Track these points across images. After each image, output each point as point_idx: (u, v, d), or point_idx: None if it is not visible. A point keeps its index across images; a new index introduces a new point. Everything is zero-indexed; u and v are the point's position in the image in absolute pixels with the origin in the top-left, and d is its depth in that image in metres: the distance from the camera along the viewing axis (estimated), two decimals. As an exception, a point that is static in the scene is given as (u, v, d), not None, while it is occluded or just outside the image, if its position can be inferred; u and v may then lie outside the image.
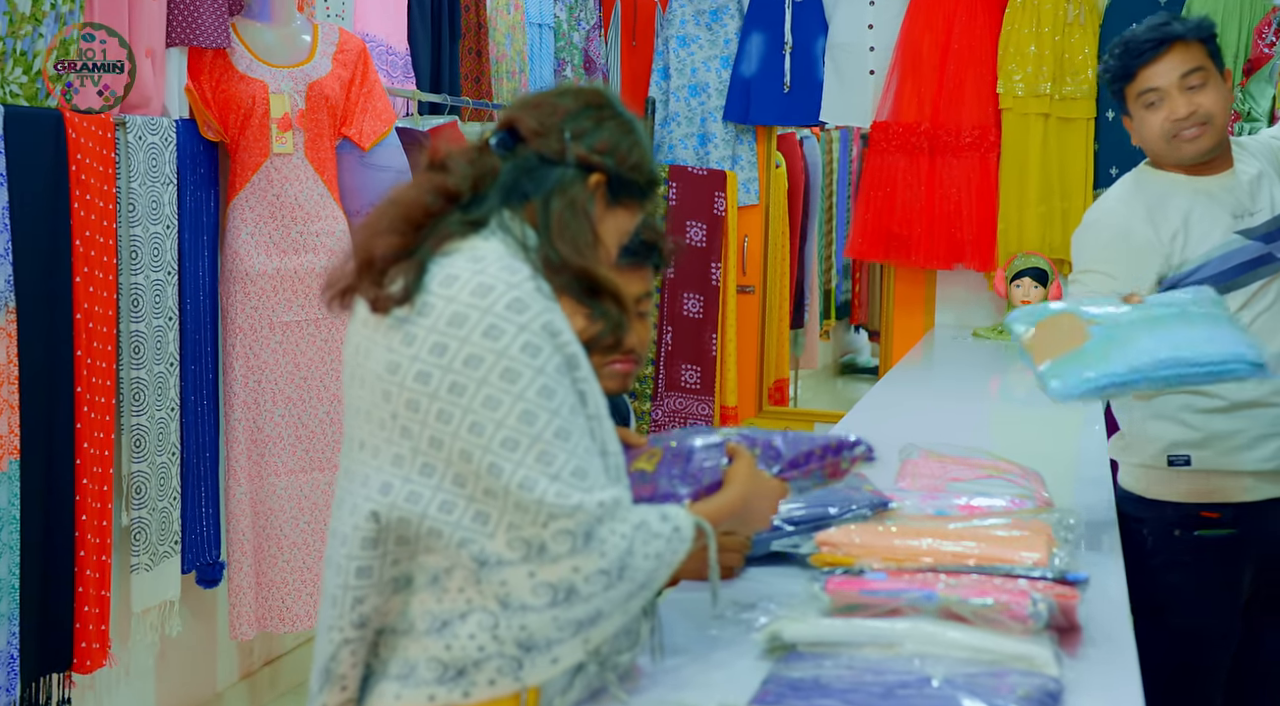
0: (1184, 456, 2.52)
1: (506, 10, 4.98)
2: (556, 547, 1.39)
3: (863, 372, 8.88)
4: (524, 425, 1.40)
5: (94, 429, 2.89)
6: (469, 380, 1.41)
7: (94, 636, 2.90)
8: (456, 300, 1.43)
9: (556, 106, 1.58)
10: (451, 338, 1.43)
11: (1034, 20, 5.16)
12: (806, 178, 7.06)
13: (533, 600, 1.40)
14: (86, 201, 2.86)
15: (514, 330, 1.42)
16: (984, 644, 1.56)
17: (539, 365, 1.42)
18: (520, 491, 1.39)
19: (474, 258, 1.46)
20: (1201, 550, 2.52)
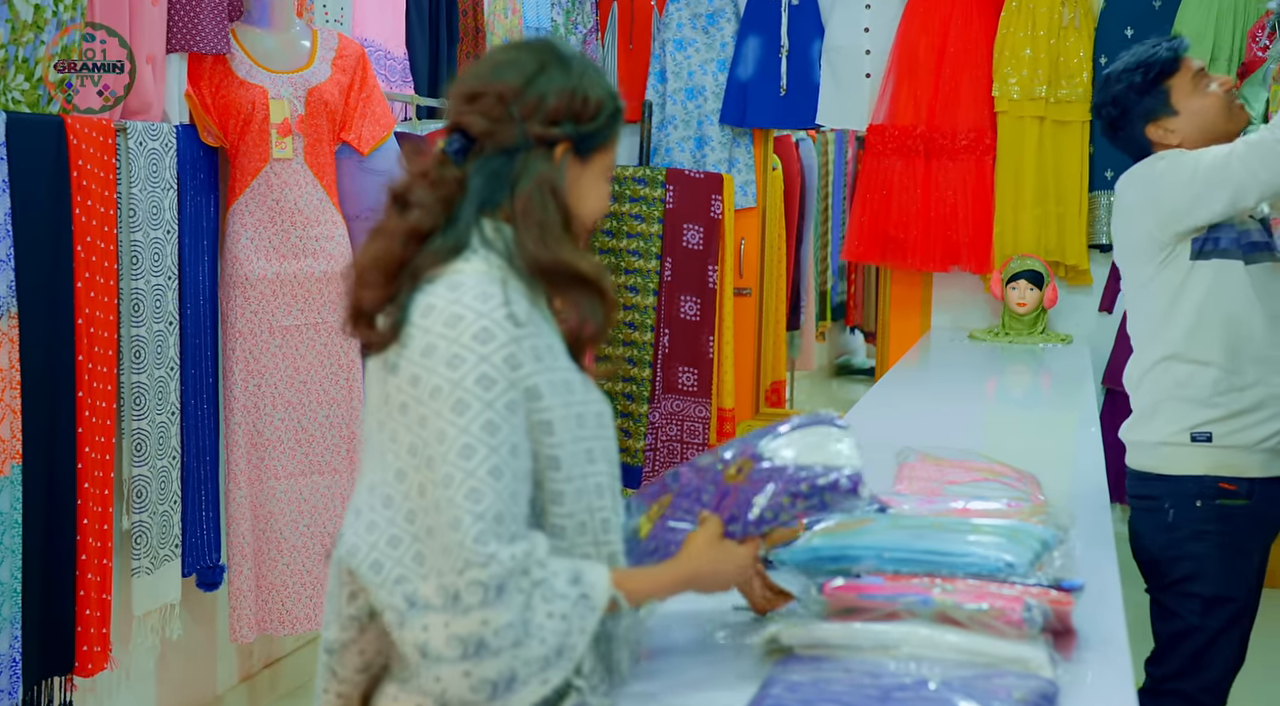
0: (1207, 432, 2.65)
1: (504, 15, 5.00)
2: (469, 598, 1.37)
3: (859, 374, 8.90)
4: (461, 460, 1.39)
5: (95, 433, 2.90)
6: (430, 412, 1.42)
7: (95, 639, 2.91)
8: (431, 332, 1.44)
9: (494, 89, 1.52)
10: (423, 369, 1.44)
11: (1029, 23, 5.17)
12: (802, 180, 7.08)
13: (446, 651, 1.38)
14: (88, 207, 2.87)
15: (474, 360, 1.42)
16: (979, 647, 1.58)
17: (489, 399, 1.41)
18: (448, 532, 1.38)
19: (452, 284, 1.46)
20: (1223, 519, 2.66)
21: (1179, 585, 2.68)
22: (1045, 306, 5.09)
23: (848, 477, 1.63)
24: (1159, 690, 2.70)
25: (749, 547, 1.64)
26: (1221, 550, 2.66)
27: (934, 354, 4.96)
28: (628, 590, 1.50)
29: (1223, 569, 2.67)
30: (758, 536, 1.64)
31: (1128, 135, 2.78)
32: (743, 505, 1.64)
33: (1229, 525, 2.66)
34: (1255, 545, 2.73)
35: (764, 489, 1.64)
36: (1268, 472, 2.68)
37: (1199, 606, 2.67)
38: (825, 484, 1.63)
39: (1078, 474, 2.90)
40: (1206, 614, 2.67)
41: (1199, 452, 2.66)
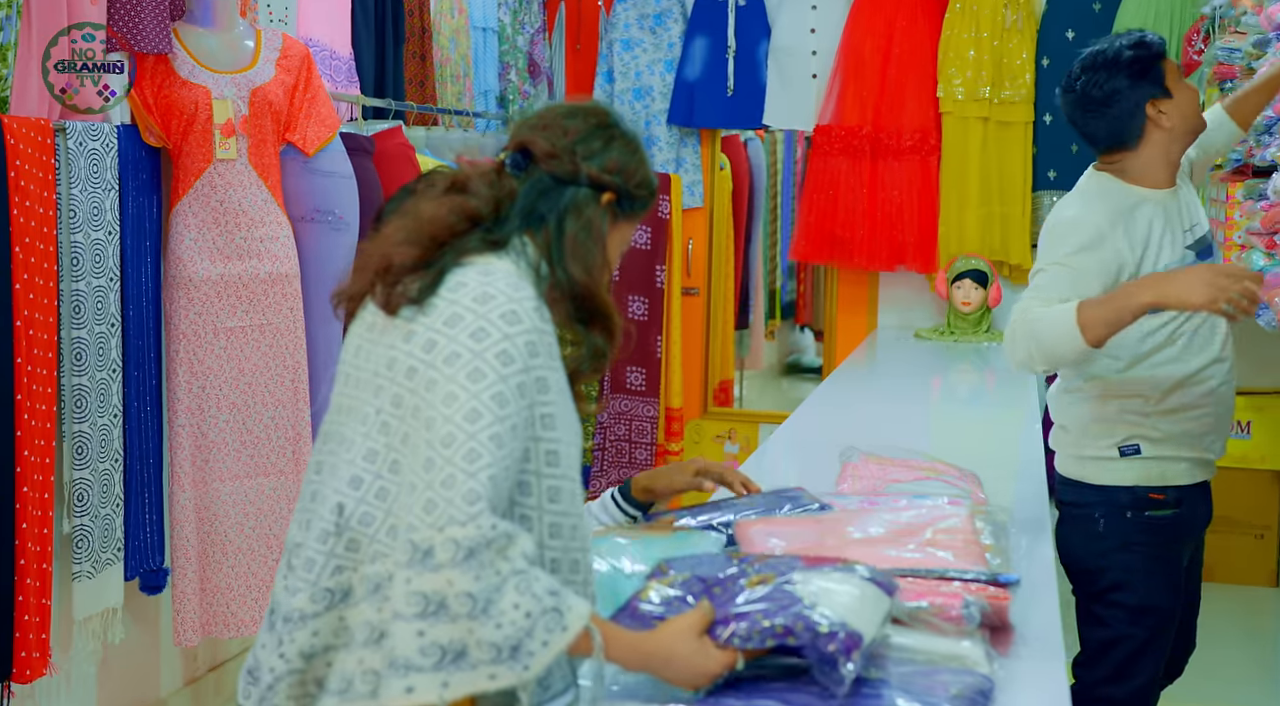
0: (1135, 446, 2.68)
1: (450, 14, 4.98)
2: (441, 554, 1.35)
3: (808, 372, 8.94)
4: (467, 422, 1.40)
5: (34, 436, 2.87)
6: (442, 376, 1.44)
7: (34, 645, 2.88)
8: (458, 304, 1.48)
9: (566, 128, 1.63)
10: (442, 335, 1.47)
11: (973, 25, 5.23)
12: (751, 180, 7.12)
13: (404, 607, 1.36)
14: (26, 208, 2.84)
15: (498, 337, 1.45)
16: (919, 644, 1.60)
17: (505, 373, 1.44)
18: (439, 489, 1.38)
19: (485, 270, 1.51)
20: (1151, 530, 2.69)
21: (1107, 594, 2.70)
22: (990, 305, 5.15)
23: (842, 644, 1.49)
24: (1089, 696, 2.72)
25: (724, 658, 1.53)
26: (1149, 561, 2.69)
27: (881, 352, 5.01)
28: (604, 634, 1.45)
29: (1150, 579, 2.69)
30: (740, 650, 1.53)
31: (1115, 114, 2.66)
32: (742, 616, 1.54)
33: (1157, 536, 2.69)
34: (1181, 552, 2.77)
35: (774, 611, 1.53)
36: (1193, 479, 2.73)
37: (1126, 615, 2.68)
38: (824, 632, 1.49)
39: (1020, 471, 2.94)
40: (1134, 623, 2.69)
41: (1127, 466, 2.69)
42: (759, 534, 1.92)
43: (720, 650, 1.53)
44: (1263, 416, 5.08)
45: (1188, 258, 2.64)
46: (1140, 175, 2.68)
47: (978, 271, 5.12)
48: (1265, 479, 5.10)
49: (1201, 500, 2.79)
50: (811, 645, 1.49)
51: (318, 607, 1.51)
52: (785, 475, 2.46)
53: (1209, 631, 3.15)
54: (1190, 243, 2.67)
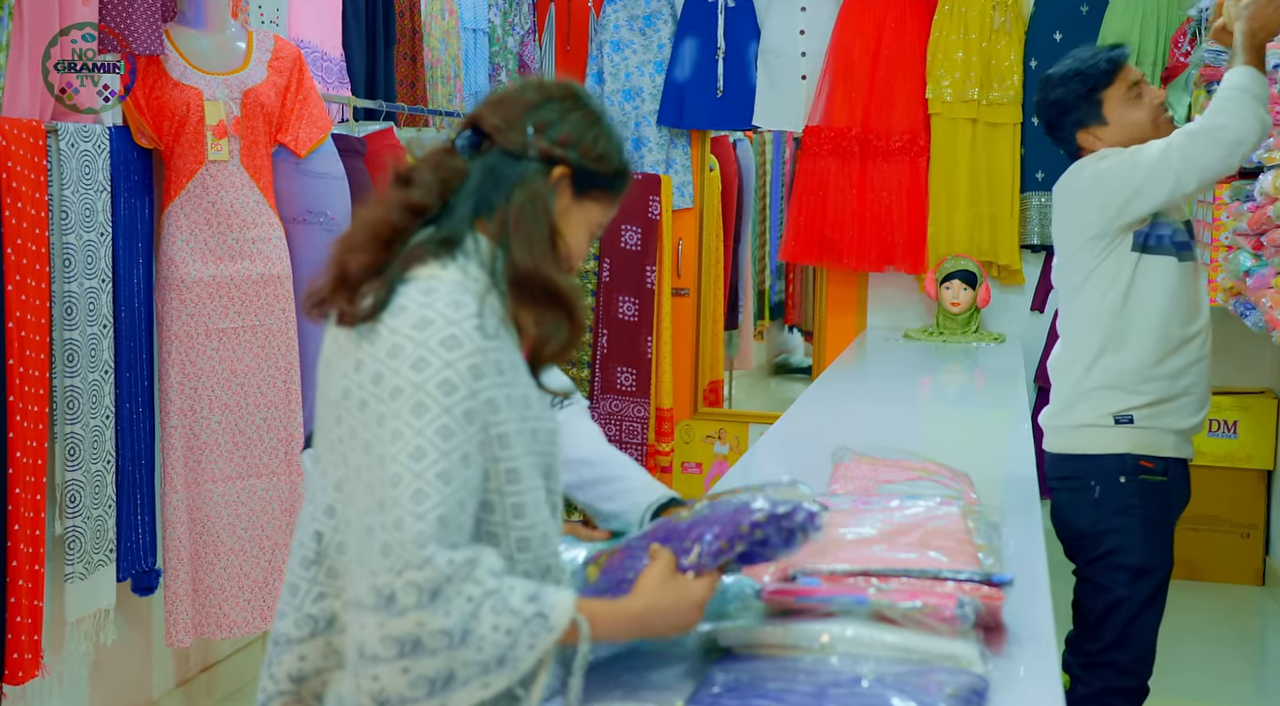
0: (1129, 416, 2.83)
1: (441, 15, 4.99)
2: (404, 599, 1.35)
3: (797, 372, 8.95)
4: (412, 461, 1.39)
5: (26, 437, 2.87)
6: (389, 411, 1.42)
7: (26, 646, 2.88)
8: (399, 332, 1.45)
9: (519, 100, 1.57)
10: (387, 368, 1.44)
11: (961, 27, 5.25)
12: (740, 180, 7.12)
13: (381, 651, 1.36)
14: (18, 209, 2.84)
15: (439, 365, 1.42)
16: (913, 644, 1.61)
17: (448, 404, 1.41)
18: (391, 530, 1.37)
19: (426, 289, 1.47)
20: (1146, 493, 2.84)
21: (1107, 558, 2.85)
22: (978, 306, 5.17)
23: (805, 512, 1.60)
24: (1094, 662, 2.87)
25: (705, 582, 1.56)
26: (1145, 523, 2.84)
27: (870, 353, 5.02)
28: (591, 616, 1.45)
29: (1147, 541, 2.84)
30: (714, 569, 1.57)
31: (1061, 137, 2.95)
32: (696, 537, 1.58)
33: (1151, 499, 2.85)
34: (1171, 519, 2.93)
35: (720, 519, 1.60)
36: (1179, 454, 2.88)
37: (1126, 577, 2.83)
38: (783, 512, 1.59)
39: (1009, 471, 2.96)
40: (1133, 584, 2.83)
41: (1121, 433, 2.84)
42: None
43: (697, 578, 1.55)
44: (1248, 416, 5.11)
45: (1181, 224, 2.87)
46: None
47: (966, 272, 5.14)
48: (1251, 478, 5.13)
49: (1184, 479, 2.94)
50: (776, 532, 1.58)
51: (302, 633, 1.52)
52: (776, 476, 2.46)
53: (1195, 629, 3.18)
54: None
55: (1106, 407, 2.85)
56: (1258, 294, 3.25)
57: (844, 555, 1.80)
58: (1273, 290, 3.18)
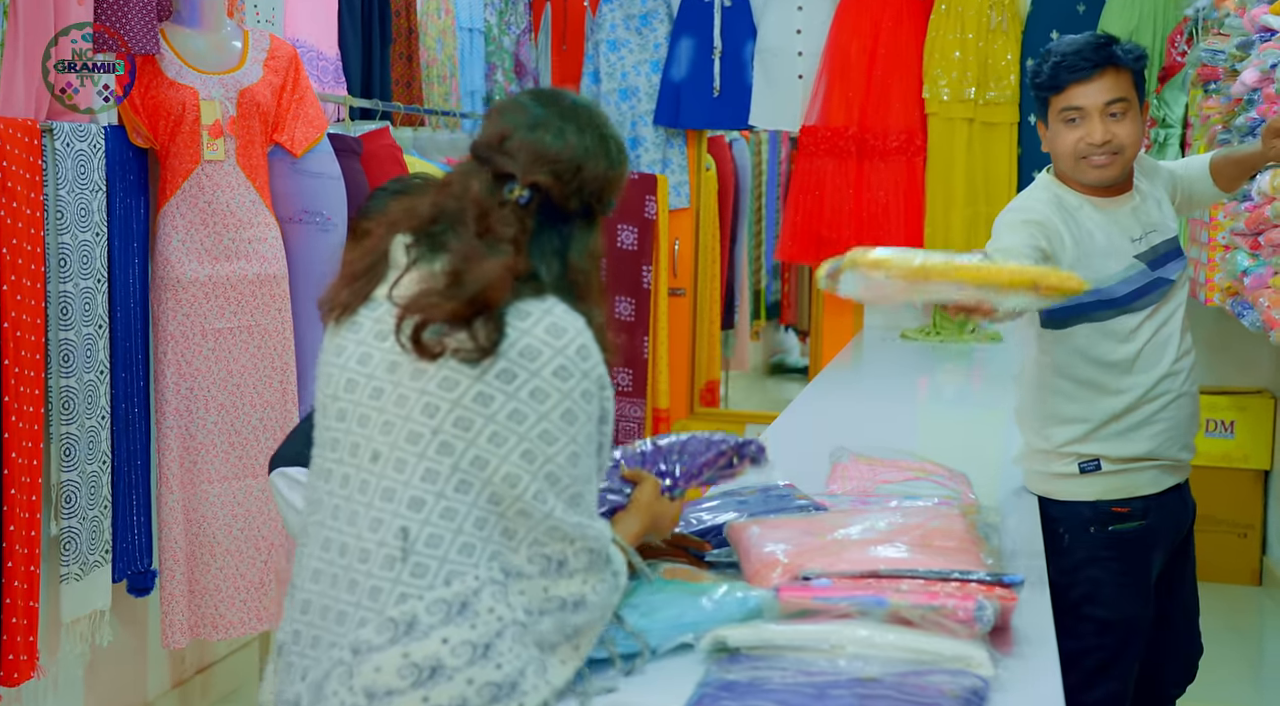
0: (1094, 462, 2.62)
1: (437, 15, 4.98)
2: (576, 563, 1.57)
3: (793, 372, 8.96)
4: (569, 465, 1.55)
5: (22, 438, 2.86)
6: (531, 411, 1.53)
7: (21, 648, 2.87)
8: (530, 334, 1.54)
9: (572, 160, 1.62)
10: (521, 368, 1.53)
11: (958, 26, 5.25)
12: (736, 180, 7.12)
13: (548, 607, 1.56)
14: (13, 209, 2.83)
15: (579, 376, 1.55)
16: (924, 646, 1.60)
17: (590, 412, 1.57)
18: (558, 518, 1.55)
19: (542, 305, 1.57)
20: (1117, 544, 2.64)
21: (1076, 608, 2.62)
22: (975, 306, 5.16)
23: (757, 444, 2.03)
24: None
25: (679, 505, 1.96)
26: (1116, 574, 2.64)
27: (867, 353, 5.02)
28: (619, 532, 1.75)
29: (1118, 592, 2.65)
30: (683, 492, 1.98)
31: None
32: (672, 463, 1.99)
33: (1123, 550, 2.65)
34: (1150, 564, 2.71)
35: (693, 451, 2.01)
36: (1159, 487, 2.66)
37: (1095, 628, 2.64)
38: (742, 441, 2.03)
39: (1007, 471, 2.95)
40: (1103, 634, 2.64)
41: (1087, 481, 2.64)
42: (753, 536, 1.92)
43: (673, 502, 1.94)
44: (1245, 416, 5.11)
45: (1135, 267, 2.58)
46: (1072, 183, 2.63)
47: (963, 272, 5.13)
48: (1248, 478, 5.13)
49: (1176, 504, 2.73)
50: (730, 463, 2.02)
51: (383, 639, 1.51)
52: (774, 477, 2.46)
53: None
54: (1140, 251, 2.60)
55: (1069, 458, 2.64)
56: (1255, 293, 3.25)
57: (849, 556, 1.79)
58: (1270, 290, 3.17)
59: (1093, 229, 2.58)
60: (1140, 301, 2.58)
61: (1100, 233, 2.58)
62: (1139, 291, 2.58)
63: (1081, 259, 2.53)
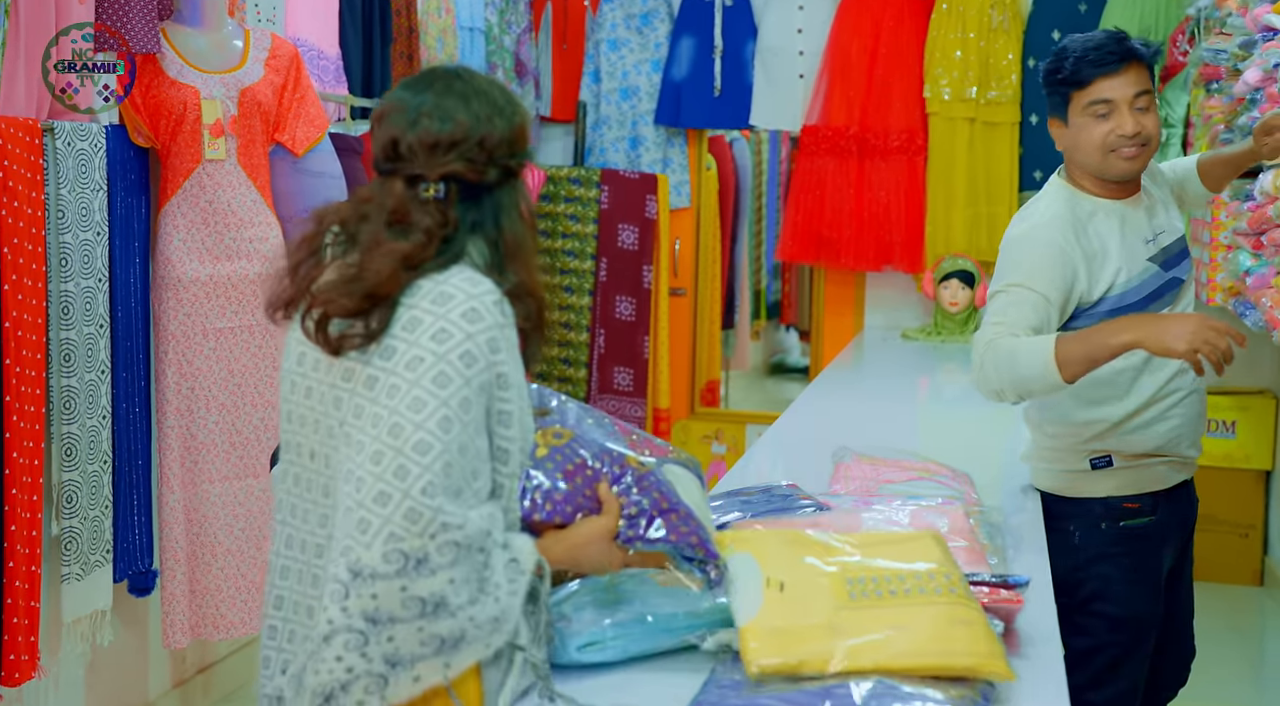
0: (1106, 458, 2.63)
1: (437, 14, 4.97)
2: (439, 559, 1.40)
3: (793, 372, 8.95)
4: (440, 431, 1.42)
5: (23, 438, 2.85)
6: (404, 381, 1.44)
7: (23, 648, 2.86)
8: (416, 307, 1.47)
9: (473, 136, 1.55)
10: (401, 341, 1.46)
11: (959, 26, 5.24)
12: (737, 180, 7.12)
13: (401, 612, 1.40)
14: (14, 208, 2.82)
15: (460, 337, 1.45)
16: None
17: (469, 376, 1.45)
18: (422, 498, 1.40)
19: (441, 278, 1.50)
20: (1127, 539, 2.64)
21: (1086, 605, 2.64)
22: (977, 305, 5.17)
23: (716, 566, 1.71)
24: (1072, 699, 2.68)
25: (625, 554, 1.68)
26: (1127, 570, 2.65)
27: (868, 353, 5.01)
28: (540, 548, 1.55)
29: (1129, 588, 2.65)
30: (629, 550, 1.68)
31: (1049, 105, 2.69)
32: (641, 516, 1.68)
33: (1133, 546, 2.65)
34: (1161, 558, 2.72)
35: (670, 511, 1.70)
36: (1168, 484, 2.68)
37: (1107, 625, 2.64)
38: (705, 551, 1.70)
39: (1009, 471, 2.95)
40: (1114, 631, 2.64)
41: (1100, 476, 2.64)
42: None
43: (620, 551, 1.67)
44: (1247, 416, 5.10)
45: (1149, 270, 2.59)
46: (1086, 184, 2.63)
47: (964, 272, 5.13)
48: (1250, 478, 5.13)
49: (1183, 501, 2.75)
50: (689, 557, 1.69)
51: None
52: (776, 477, 2.46)
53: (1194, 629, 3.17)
54: (1153, 254, 2.61)
55: (1080, 455, 2.65)
56: (1258, 293, 3.24)
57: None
58: (1272, 290, 3.17)
59: (1105, 235, 2.57)
60: (1156, 303, 2.58)
61: (1113, 239, 2.57)
62: (1154, 293, 2.58)
63: (1093, 273, 2.53)
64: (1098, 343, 2.31)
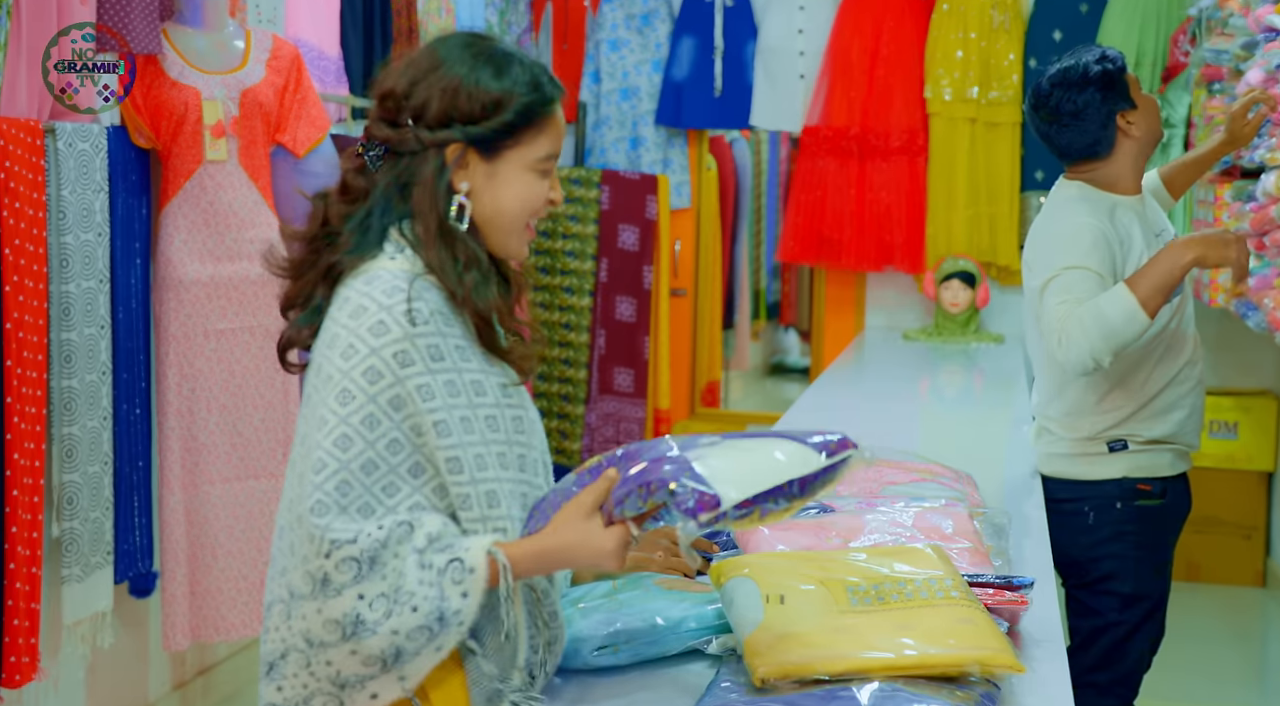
0: (1123, 442, 2.77)
1: (438, 14, 4.97)
2: (340, 577, 1.38)
3: (793, 373, 8.96)
4: (337, 449, 1.41)
5: (24, 439, 2.85)
6: (318, 399, 1.46)
7: (23, 649, 2.86)
8: (337, 322, 1.48)
9: (393, 94, 1.53)
10: (324, 358, 1.48)
11: (960, 26, 5.24)
12: (737, 180, 7.12)
13: (326, 636, 1.39)
14: (15, 209, 2.82)
15: (365, 352, 1.44)
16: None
17: (373, 392, 1.43)
18: (311, 517, 1.39)
19: (369, 278, 1.49)
20: (1140, 519, 2.80)
21: (1099, 583, 2.80)
22: (978, 306, 5.16)
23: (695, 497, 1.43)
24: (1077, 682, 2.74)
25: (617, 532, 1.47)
26: (1139, 549, 2.80)
27: (868, 353, 5.01)
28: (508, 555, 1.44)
29: (1141, 567, 2.80)
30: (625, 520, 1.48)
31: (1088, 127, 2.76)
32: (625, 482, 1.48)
33: (1145, 525, 2.80)
34: (1167, 542, 2.89)
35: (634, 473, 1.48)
36: (1175, 471, 2.84)
37: (1118, 603, 2.79)
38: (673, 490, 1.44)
39: (1011, 472, 2.95)
40: (1125, 609, 2.79)
41: (1116, 459, 2.79)
42: (761, 538, 1.92)
43: (611, 525, 1.47)
44: (1249, 417, 5.10)
45: None
46: (1112, 183, 2.80)
47: (965, 272, 5.13)
48: (1252, 479, 5.13)
49: (1184, 492, 2.90)
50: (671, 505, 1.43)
51: None
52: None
53: (1196, 631, 3.17)
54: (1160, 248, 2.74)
55: (1098, 438, 2.80)
56: (1260, 294, 3.24)
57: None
58: (1275, 291, 3.16)
59: (1129, 225, 2.74)
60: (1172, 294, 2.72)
61: (1135, 229, 2.75)
62: None
63: (1124, 258, 2.69)
64: (1165, 270, 2.51)
